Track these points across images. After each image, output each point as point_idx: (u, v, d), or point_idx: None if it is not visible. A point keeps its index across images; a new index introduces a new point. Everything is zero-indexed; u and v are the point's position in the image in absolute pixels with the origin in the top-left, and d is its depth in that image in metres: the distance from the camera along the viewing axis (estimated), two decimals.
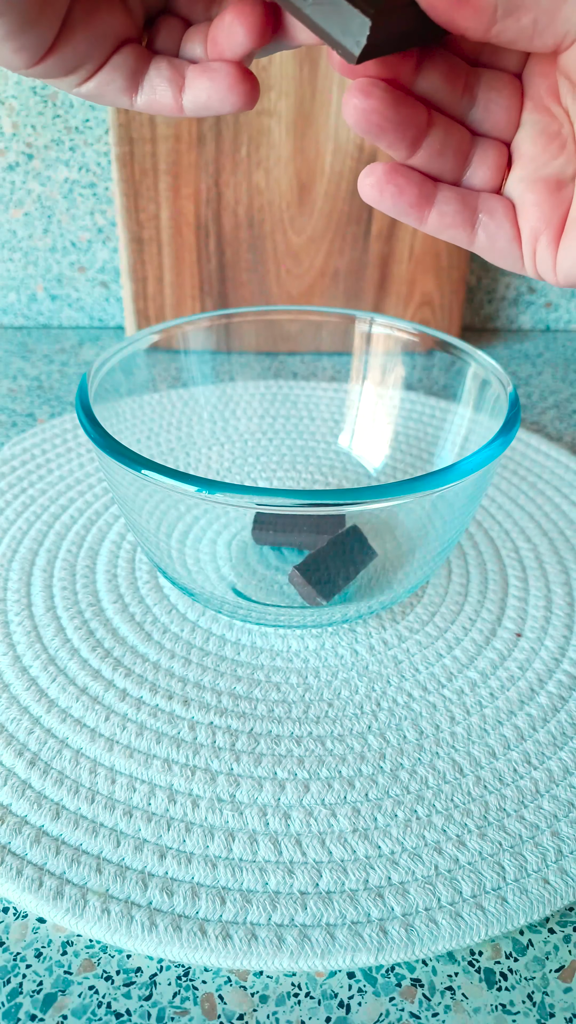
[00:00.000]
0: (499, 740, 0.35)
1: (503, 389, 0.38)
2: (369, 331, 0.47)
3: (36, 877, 0.29)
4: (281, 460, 0.52)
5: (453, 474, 0.32)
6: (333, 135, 0.62)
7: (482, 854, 0.31)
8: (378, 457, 0.50)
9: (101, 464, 0.37)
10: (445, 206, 0.28)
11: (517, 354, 0.73)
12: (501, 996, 0.27)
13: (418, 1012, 0.27)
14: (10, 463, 0.53)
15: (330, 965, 0.28)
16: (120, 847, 0.31)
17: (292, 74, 0.59)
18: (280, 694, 0.37)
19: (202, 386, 0.50)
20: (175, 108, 0.28)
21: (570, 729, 0.36)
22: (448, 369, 0.44)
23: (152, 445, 0.47)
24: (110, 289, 0.74)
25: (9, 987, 0.27)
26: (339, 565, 0.40)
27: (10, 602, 0.42)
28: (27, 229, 0.71)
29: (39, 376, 0.66)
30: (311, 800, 0.33)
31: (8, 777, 0.33)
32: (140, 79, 0.28)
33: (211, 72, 0.28)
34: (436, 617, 0.42)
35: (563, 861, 0.30)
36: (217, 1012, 0.27)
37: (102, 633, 0.40)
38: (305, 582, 0.39)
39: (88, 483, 0.51)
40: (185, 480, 0.31)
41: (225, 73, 0.27)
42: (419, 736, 0.35)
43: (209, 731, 0.35)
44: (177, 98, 0.28)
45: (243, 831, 0.31)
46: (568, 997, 0.27)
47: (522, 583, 0.44)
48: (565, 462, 0.55)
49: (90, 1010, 0.27)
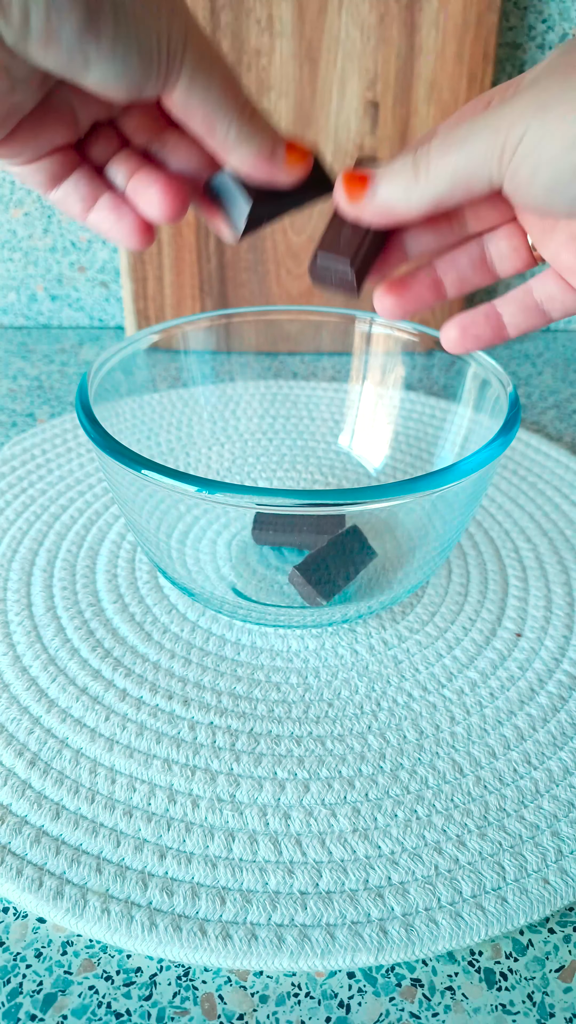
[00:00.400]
0: (499, 740, 0.35)
1: (503, 389, 0.38)
2: (369, 331, 0.47)
3: (36, 877, 0.29)
4: (281, 460, 0.52)
5: (453, 474, 0.32)
6: (333, 135, 0.62)
7: (482, 854, 0.31)
8: (378, 457, 0.50)
9: (101, 464, 0.37)
10: (503, 308, 0.32)
11: (517, 354, 0.73)
12: (501, 996, 0.27)
13: (418, 1012, 0.27)
14: (10, 463, 0.53)
15: (330, 965, 0.28)
16: (120, 847, 0.31)
17: (292, 74, 0.59)
18: (280, 694, 0.37)
19: (202, 386, 0.49)
20: (79, 218, 0.31)
21: (570, 729, 0.36)
22: (448, 369, 0.44)
23: (152, 445, 0.47)
24: (110, 289, 0.74)
25: (9, 987, 0.27)
26: (339, 565, 0.40)
27: (10, 602, 0.42)
28: (27, 229, 0.71)
29: (39, 376, 0.66)
30: (311, 800, 0.33)
31: (8, 777, 0.33)
32: (59, 183, 0.30)
33: (120, 213, 0.30)
34: (436, 617, 0.42)
35: (563, 861, 0.30)
36: (217, 1012, 0.27)
37: (102, 633, 0.40)
38: (305, 582, 0.39)
39: (88, 483, 0.51)
40: (185, 480, 0.31)
41: (130, 224, 0.30)
42: (419, 736, 0.35)
43: (209, 731, 0.35)
44: (83, 213, 0.30)
45: (243, 831, 0.31)
46: (568, 997, 0.27)
47: (522, 583, 0.44)
48: (565, 462, 0.55)
49: (90, 1010, 0.27)
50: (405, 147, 0.29)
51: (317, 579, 0.39)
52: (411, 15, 0.58)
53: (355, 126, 0.61)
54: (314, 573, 0.39)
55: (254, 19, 0.58)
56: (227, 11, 0.57)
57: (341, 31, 0.58)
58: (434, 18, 0.58)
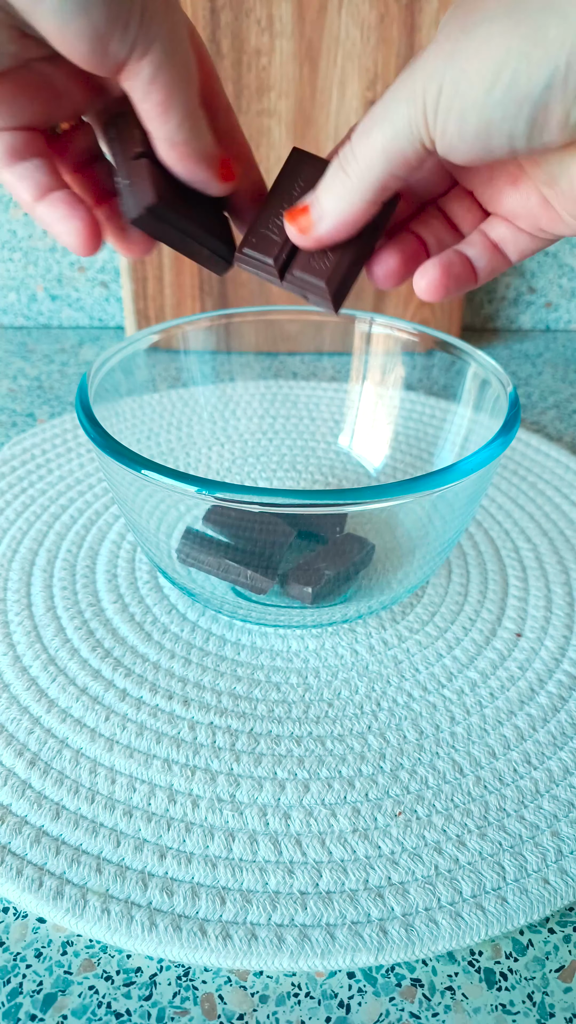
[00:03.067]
0: (499, 740, 0.35)
1: (503, 389, 0.38)
2: (369, 331, 0.47)
3: (36, 877, 0.29)
4: (281, 460, 0.52)
5: (453, 474, 0.32)
6: (333, 135, 0.62)
7: (482, 854, 0.31)
8: (378, 457, 0.50)
9: (101, 464, 0.37)
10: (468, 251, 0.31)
11: (517, 354, 0.73)
12: (501, 996, 0.27)
13: (418, 1012, 0.27)
14: (10, 463, 0.53)
15: (330, 965, 0.28)
16: (120, 847, 0.31)
17: (292, 74, 0.59)
18: (280, 694, 0.37)
19: (202, 386, 0.49)
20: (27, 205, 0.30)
21: (570, 729, 0.36)
22: (448, 369, 0.44)
23: (152, 445, 0.47)
24: (110, 289, 0.74)
25: (9, 987, 0.27)
26: (338, 565, 0.40)
27: (10, 602, 0.42)
28: (27, 229, 0.71)
29: (39, 376, 0.66)
30: (311, 800, 0.33)
31: (8, 777, 0.33)
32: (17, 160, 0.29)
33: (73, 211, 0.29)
34: (436, 617, 0.42)
35: (563, 861, 0.30)
36: (217, 1012, 0.27)
37: (102, 633, 0.40)
38: (303, 583, 0.39)
39: (88, 483, 0.51)
40: (185, 480, 0.31)
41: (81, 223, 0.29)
42: (419, 736, 0.35)
43: (209, 731, 0.35)
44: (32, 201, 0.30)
45: (243, 831, 0.31)
46: (568, 997, 0.27)
47: (522, 583, 0.44)
48: (565, 462, 0.55)
49: (90, 1010, 0.27)
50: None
51: (315, 580, 0.39)
52: (411, 15, 0.58)
53: None
54: (312, 574, 0.39)
55: (254, 19, 0.58)
56: (227, 11, 0.57)
57: (341, 31, 0.58)
58: (434, 18, 0.58)
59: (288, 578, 0.39)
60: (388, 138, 0.26)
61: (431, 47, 0.25)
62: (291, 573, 0.40)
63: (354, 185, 0.27)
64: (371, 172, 0.27)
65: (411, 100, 0.25)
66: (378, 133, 0.26)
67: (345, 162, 0.27)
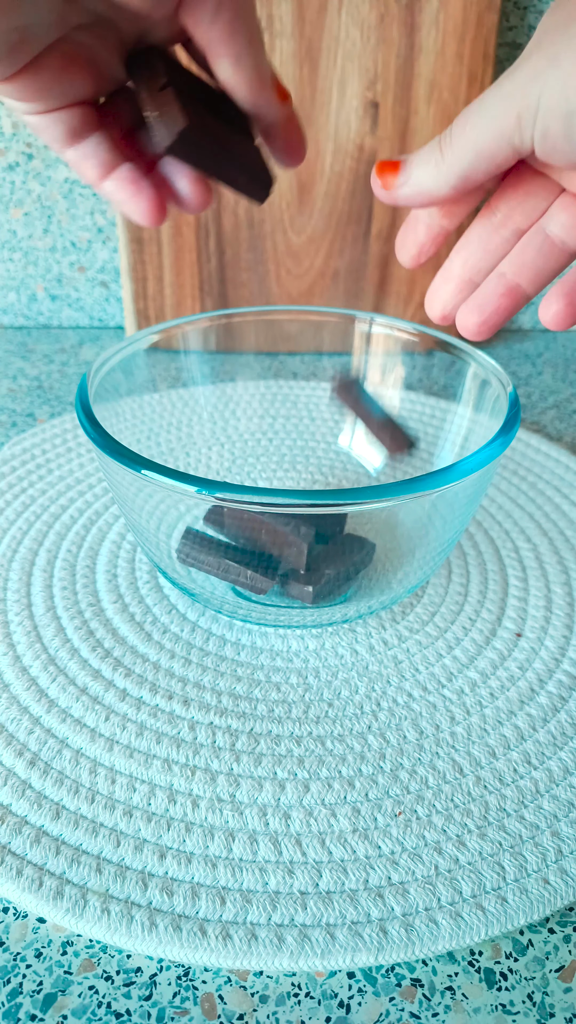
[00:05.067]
0: (499, 740, 0.35)
1: (503, 389, 0.38)
2: (369, 331, 0.47)
3: (36, 877, 0.29)
4: (281, 460, 0.52)
5: (453, 474, 0.32)
6: (333, 135, 0.62)
7: (482, 854, 0.31)
8: (378, 457, 0.50)
9: (101, 464, 0.37)
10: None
11: (517, 354, 0.73)
12: (501, 996, 0.27)
13: (418, 1012, 0.27)
14: (10, 463, 0.53)
15: (330, 965, 0.28)
16: (120, 847, 0.31)
17: (292, 74, 0.59)
18: (280, 694, 0.37)
19: (202, 386, 0.49)
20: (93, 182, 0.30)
21: (570, 729, 0.36)
22: (448, 369, 0.44)
23: (152, 445, 0.47)
24: (110, 289, 0.74)
25: (9, 987, 0.27)
26: (338, 565, 0.40)
27: (10, 602, 0.42)
28: (27, 229, 0.71)
29: (39, 376, 0.66)
30: (311, 800, 0.33)
31: (8, 777, 0.33)
32: (78, 140, 0.29)
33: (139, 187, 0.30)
34: (436, 617, 0.42)
35: (563, 861, 0.30)
36: (217, 1012, 0.27)
37: (102, 633, 0.40)
38: (303, 582, 0.39)
39: (88, 483, 0.51)
40: (185, 480, 0.31)
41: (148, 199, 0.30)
42: (419, 736, 0.35)
43: (209, 731, 0.35)
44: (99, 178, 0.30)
45: (243, 831, 0.31)
46: (568, 997, 0.27)
47: (522, 583, 0.44)
48: (565, 462, 0.55)
49: (90, 1010, 0.27)
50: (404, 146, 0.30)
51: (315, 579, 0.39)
52: (411, 15, 0.58)
53: (355, 126, 0.61)
54: (312, 573, 0.39)
55: None
56: None
57: (341, 31, 0.58)
58: (434, 18, 0.58)
59: (288, 578, 0.39)
60: (482, 135, 0.26)
61: (534, 50, 0.25)
62: (291, 573, 0.40)
63: (443, 168, 0.28)
64: (460, 163, 0.27)
65: (508, 100, 0.25)
66: (473, 128, 0.27)
67: (442, 143, 0.28)
